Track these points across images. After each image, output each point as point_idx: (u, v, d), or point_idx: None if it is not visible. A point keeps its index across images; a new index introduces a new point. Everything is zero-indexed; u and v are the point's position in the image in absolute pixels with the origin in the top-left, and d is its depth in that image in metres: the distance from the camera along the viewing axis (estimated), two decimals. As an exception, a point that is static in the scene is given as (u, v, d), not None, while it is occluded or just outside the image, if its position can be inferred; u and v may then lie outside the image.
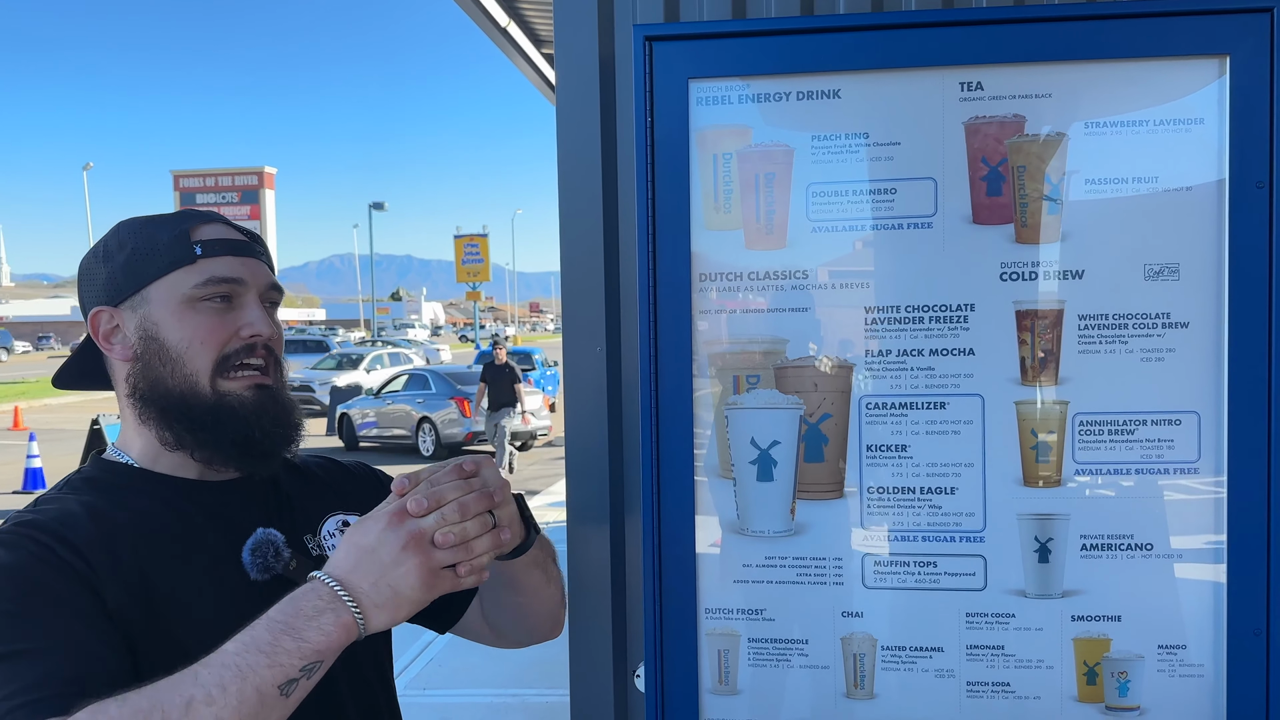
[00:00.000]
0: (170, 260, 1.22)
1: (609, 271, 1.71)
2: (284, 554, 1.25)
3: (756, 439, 1.59)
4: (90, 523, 1.16)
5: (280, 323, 1.34)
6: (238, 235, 1.29)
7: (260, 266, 1.28)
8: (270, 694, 0.99)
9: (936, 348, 1.56)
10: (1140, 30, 1.50)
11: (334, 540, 1.34)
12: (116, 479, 1.25)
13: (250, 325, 1.23)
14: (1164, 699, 1.55)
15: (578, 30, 1.70)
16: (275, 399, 1.26)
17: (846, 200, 1.57)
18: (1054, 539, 1.55)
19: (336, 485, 1.42)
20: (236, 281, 1.24)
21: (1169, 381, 1.53)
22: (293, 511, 1.34)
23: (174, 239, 1.23)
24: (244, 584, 1.23)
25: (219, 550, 1.24)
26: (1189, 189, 1.52)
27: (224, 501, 1.27)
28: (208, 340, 1.22)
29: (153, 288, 1.23)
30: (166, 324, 1.22)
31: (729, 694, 1.62)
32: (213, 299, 1.22)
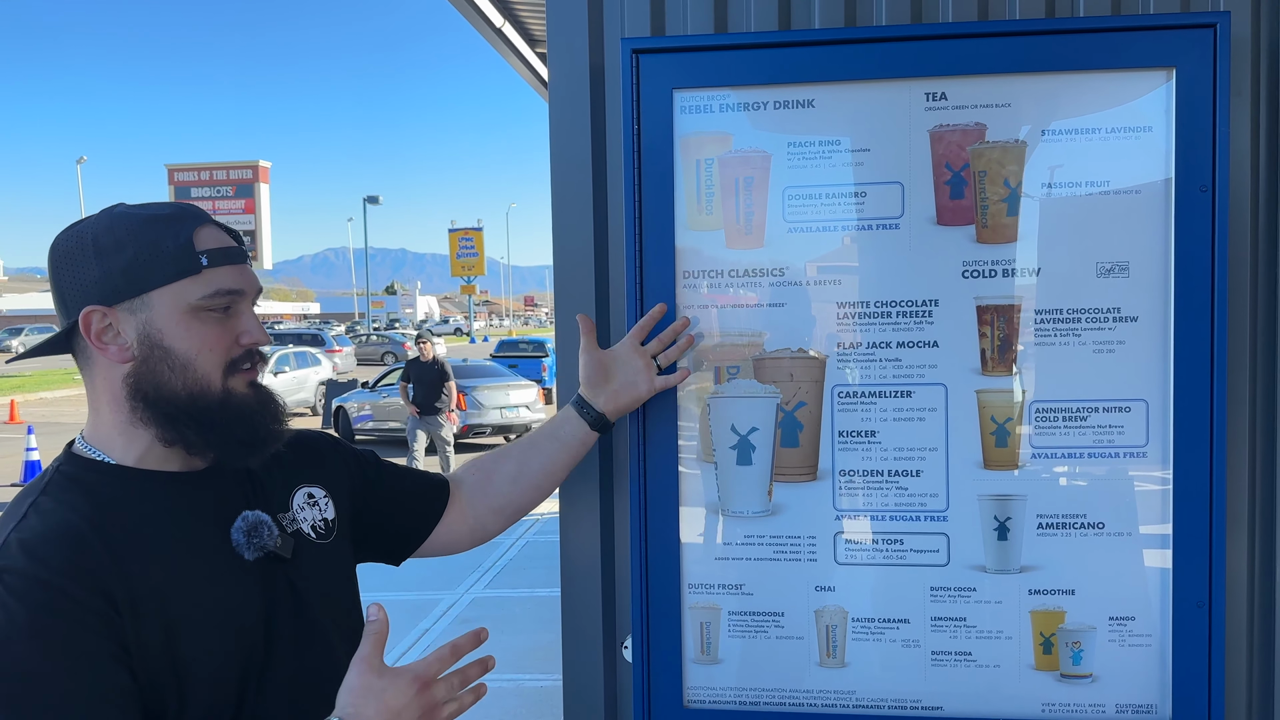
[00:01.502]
0: (177, 270, 1.24)
1: (599, 269, 1.80)
2: (273, 532, 1.32)
3: (736, 426, 1.69)
4: (98, 543, 1.18)
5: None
6: (230, 241, 1.31)
7: (252, 273, 1.33)
8: None
9: (903, 340, 1.65)
10: (1093, 44, 1.60)
11: (304, 513, 1.42)
12: (101, 479, 1.25)
13: (248, 334, 1.29)
14: (1115, 667, 1.65)
15: (569, 42, 1.79)
16: (267, 394, 1.34)
17: (820, 203, 1.66)
18: (1012, 518, 1.65)
19: (299, 460, 1.47)
20: (238, 293, 1.29)
21: (1119, 372, 1.62)
22: (266, 491, 1.38)
23: (180, 248, 1.24)
24: (239, 565, 1.29)
25: (209, 538, 1.28)
26: (1138, 192, 1.61)
27: (205, 491, 1.31)
28: (215, 348, 1.26)
29: (155, 294, 1.24)
30: (172, 332, 1.24)
31: (711, 663, 1.72)
32: (216, 309, 1.26)
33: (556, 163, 1.82)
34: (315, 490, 1.46)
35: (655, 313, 1.66)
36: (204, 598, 1.24)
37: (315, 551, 1.41)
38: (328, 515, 1.46)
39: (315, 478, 1.48)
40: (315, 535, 1.43)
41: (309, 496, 1.45)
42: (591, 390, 1.64)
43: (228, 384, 1.28)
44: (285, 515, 1.40)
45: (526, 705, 5.05)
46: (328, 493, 1.48)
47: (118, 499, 1.24)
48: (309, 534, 1.42)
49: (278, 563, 1.33)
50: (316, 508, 1.45)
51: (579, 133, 1.79)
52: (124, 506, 1.24)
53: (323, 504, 1.47)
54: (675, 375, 1.64)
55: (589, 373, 1.63)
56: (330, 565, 1.44)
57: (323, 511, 1.46)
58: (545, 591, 6.67)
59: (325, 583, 1.41)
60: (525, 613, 6.44)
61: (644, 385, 1.63)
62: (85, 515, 1.20)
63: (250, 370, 1.32)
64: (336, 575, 1.46)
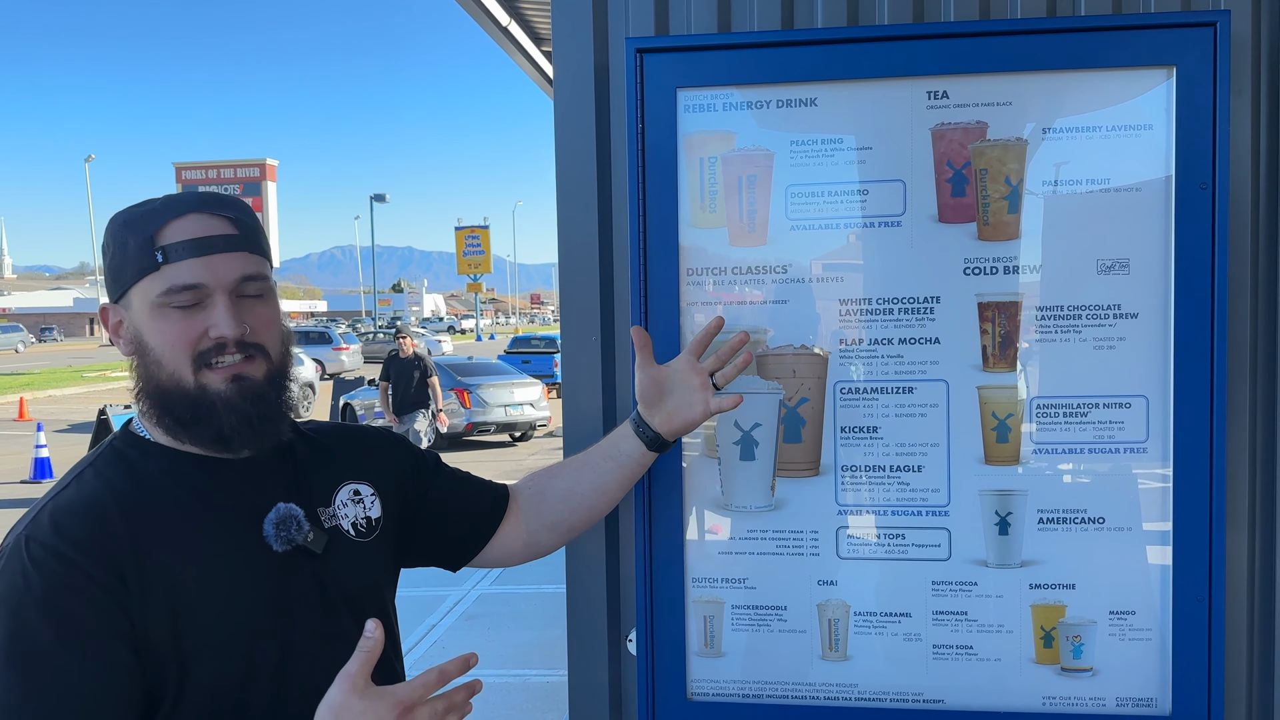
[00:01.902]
0: (138, 268, 1.24)
1: (604, 266, 1.82)
2: (304, 527, 1.32)
3: (739, 421, 1.71)
4: (120, 520, 1.21)
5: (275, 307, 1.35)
6: (206, 229, 1.26)
7: (227, 261, 1.26)
8: None
9: (905, 337, 1.67)
10: (1094, 43, 1.61)
11: (346, 510, 1.41)
12: (144, 456, 1.30)
13: (215, 327, 1.24)
14: (1115, 660, 1.66)
15: (574, 41, 1.81)
16: (252, 393, 1.28)
17: (822, 200, 1.68)
18: (1013, 513, 1.66)
19: (350, 456, 1.48)
20: (197, 287, 1.24)
21: (1119, 368, 1.64)
22: (309, 485, 1.39)
23: (140, 245, 1.24)
24: (265, 555, 1.30)
25: (239, 524, 1.30)
26: (1138, 190, 1.62)
27: (243, 477, 1.32)
28: (178, 343, 1.24)
29: (131, 292, 1.27)
30: (145, 328, 1.26)
31: (714, 656, 1.74)
32: (179, 304, 1.24)
33: (561, 161, 1.83)
34: (362, 488, 1.45)
35: (713, 326, 1.57)
36: (217, 583, 1.25)
37: (351, 549, 1.40)
38: (372, 513, 1.45)
39: (364, 475, 1.46)
40: (355, 533, 1.42)
41: (354, 493, 1.44)
42: (648, 409, 1.56)
43: (200, 379, 1.25)
44: (325, 510, 1.39)
45: (532, 700, 5.08)
46: (375, 491, 1.47)
47: (154, 477, 1.28)
48: (348, 531, 1.41)
49: (307, 557, 1.33)
50: (361, 505, 1.44)
51: (584, 132, 1.81)
52: (157, 485, 1.27)
53: (368, 502, 1.45)
54: (729, 399, 1.52)
55: (644, 390, 1.55)
56: (366, 564, 1.42)
57: (367, 509, 1.45)
58: (551, 588, 6.69)
59: (357, 581, 1.40)
60: (531, 608, 6.46)
61: (698, 409, 1.53)
62: (117, 490, 1.24)
63: (234, 365, 1.27)
64: (371, 574, 1.43)
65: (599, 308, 1.82)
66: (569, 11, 1.81)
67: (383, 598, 1.46)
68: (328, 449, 1.46)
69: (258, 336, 1.29)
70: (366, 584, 1.42)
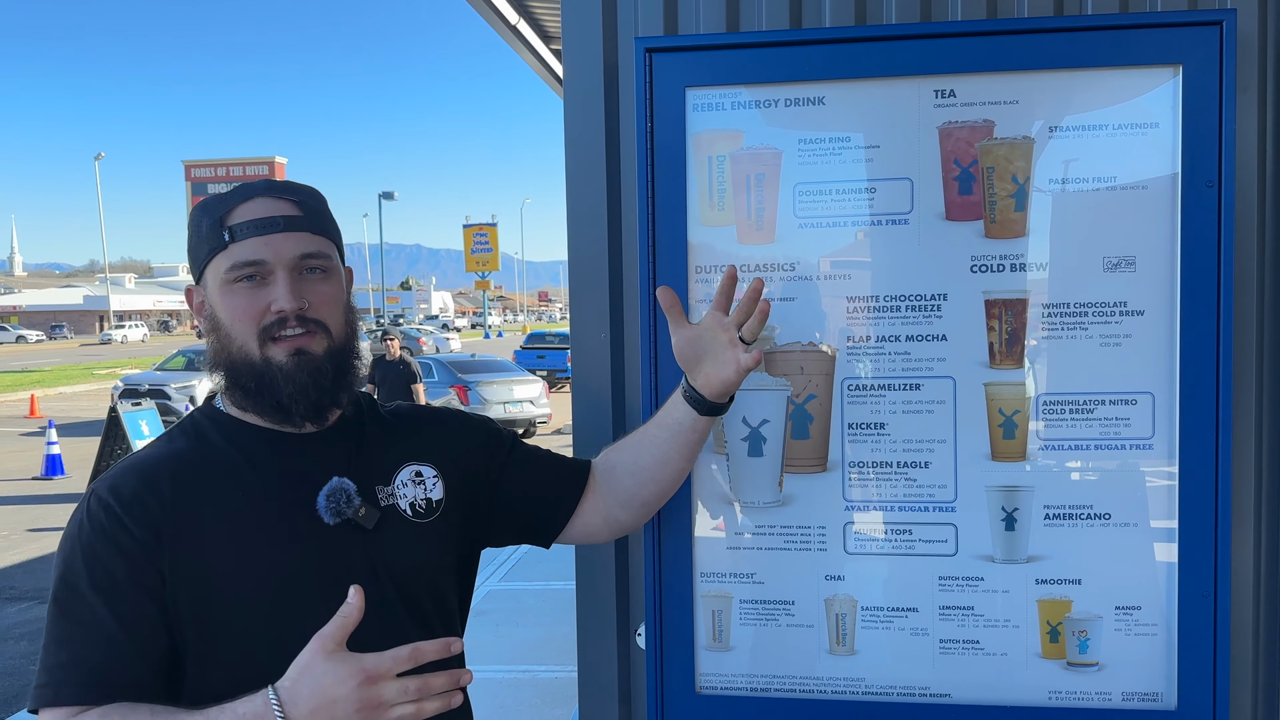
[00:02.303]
0: (209, 248, 1.34)
1: (613, 264, 1.84)
2: (354, 501, 1.36)
3: (747, 418, 1.72)
4: (169, 481, 1.30)
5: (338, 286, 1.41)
6: (270, 210, 1.34)
7: (288, 240, 1.34)
8: None
9: (912, 334, 1.68)
10: (1101, 42, 1.62)
11: (405, 490, 1.44)
12: (214, 425, 1.39)
13: (275, 301, 1.32)
14: (1121, 655, 1.67)
15: (584, 41, 1.82)
16: (310, 365, 1.34)
17: (830, 199, 1.69)
18: (1019, 509, 1.68)
19: (418, 437, 1.51)
20: (259, 263, 1.32)
21: (1126, 365, 1.64)
22: (371, 463, 1.43)
23: (211, 227, 1.34)
24: (314, 527, 1.34)
25: (293, 495, 1.35)
26: (1144, 188, 1.63)
27: (304, 452, 1.38)
28: (243, 317, 1.33)
29: (206, 271, 1.37)
30: (217, 304, 1.35)
31: (722, 650, 1.76)
32: (243, 280, 1.33)
33: (571, 160, 1.85)
34: (425, 469, 1.47)
35: (729, 276, 1.49)
36: (257, 547, 1.31)
37: (405, 528, 1.43)
38: (433, 495, 1.47)
39: (430, 457, 1.49)
40: (412, 513, 1.44)
41: (416, 474, 1.46)
42: (690, 371, 1.52)
43: (265, 351, 1.33)
44: (384, 489, 1.43)
45: (540, 696, 5.10)
46: (439, 474, 1.49)
47: (217, 445, 1.36)
48: (405, 510, 1.43)
49: (358, 532, 1.37)
50: (422, 486, 1.47)
51: (593, 131, 1.83)
52: (218, 453, 1.36)
53: (430, 483, 1.47)
54: (754, 356, 1.45)
55: (681, 352, 1.51)
56: (421, 544, 1.44)
57: (428, 491, 1.47)
58: (559, 584, 6.71)
59: (407, 560, 1.42)
60: (539, 605, 6.48)
61: (730, 368, 1.46)
62: (178, 455, 1.34)
63: (295, 338, 1.33)
64: (426, 555, 1.45)
65: (608, 305, 1.84)
66: (579, 11, 1.82)
67: (436, 580, 1.47)
68: (397, 429, 1.51)
69: (318, 312, 1.36)
70: (417, 564, 1.43)
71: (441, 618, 1.48)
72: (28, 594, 7.41)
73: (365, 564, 1.37)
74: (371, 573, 1.37)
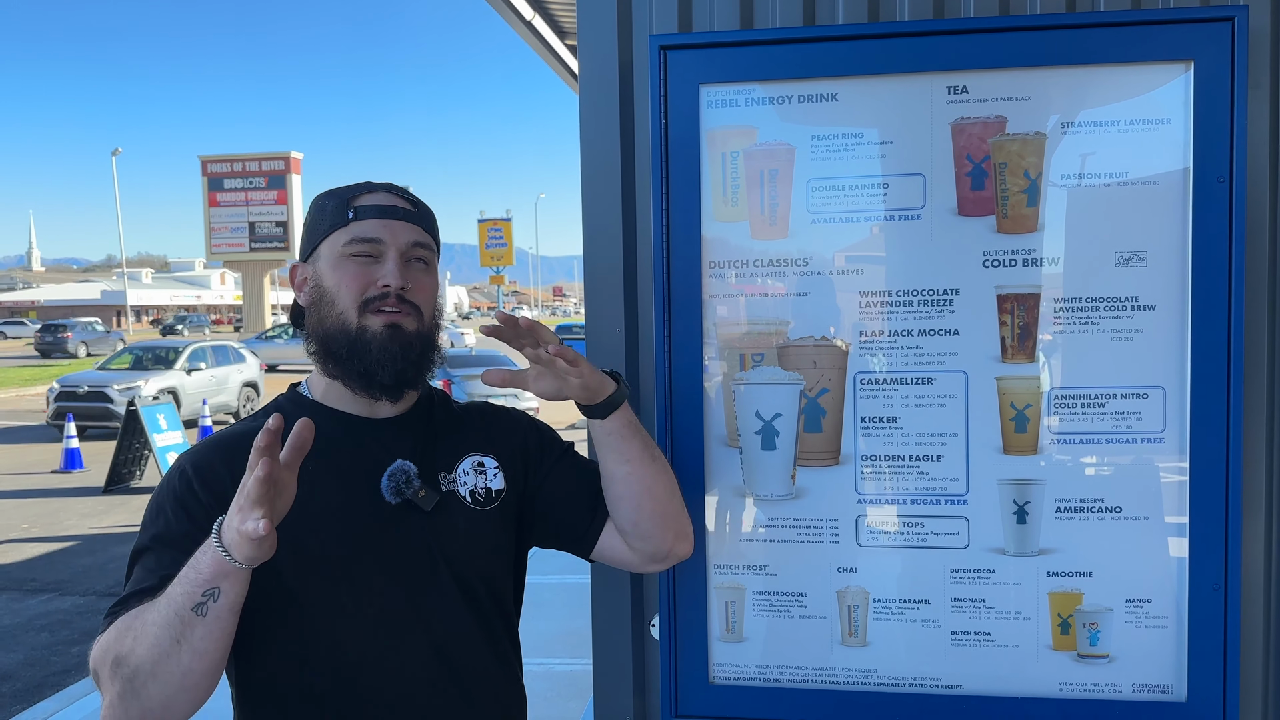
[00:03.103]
0: (331, 224, 1.47)
1: (627, 259, 1.86)
2: (414, 483, 1.45)
3: (761, 411, 1.74)
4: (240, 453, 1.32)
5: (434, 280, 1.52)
6: (393, 202, 1.49)
7: (405, 228, 1.47)
8: (187, 614, 1.20)
9: (924, 328, 1.70)
10: (1113, 38, 1.63)
11: (467, 478, 1.53)
12: (292, 405, 1.50)
13: (383, 276, 1.44)
14: (1131, 647, 1.68)
15: (599, 38, 1.84)
16: (402, 339, 1.44)
17: (843, 194, 1.70)
18: (1031, 502, 1.69)
19: (483, 430, 1.59)
20: (376, 240, 1.45)
21: (1137, 359, 1.66)
22: (436, 449, 1.52)
23: (337, 206, 1.47)
24: (376, 505, 1.44)
25: (359, 474, 1.45)
26: (1156, 183, 1.64)
27: (374, 435, 1.48)
28: (351, 285, 1.44)
29: (322, 245, 1.48)
30: (326, 274, 1.46)
31: (735, 641, 1.78)
32: (358, 255, 1.44)
33: (587, 157, 1.87)
34: (487, 460, 1.56)
35: (503, 323, 1.44)
36: (317, 520, 1.39)
37: (463, 513, 1.50)
38: (493, 485, 1.55)
39: (492, 449, 1.57)
40: (471, 500, 1.52)
41: (478, 464, 1.55)
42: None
43: (362, 320, 1.43)
44: (446, 475, 1.52)
45: (555, 688, 5.13)
46: (500, 466, 1.56)
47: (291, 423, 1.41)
48: (464, 497, 1.51)
49: (416, 513, 1.45)
50: (483, 475, 1.55)
51: (608, 127, 1.85)
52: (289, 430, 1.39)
53: (491, 474, 1.55)
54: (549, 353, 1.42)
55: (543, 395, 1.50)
56: (476, 530, 1.51)
57: (489, 481, 1.55)
58: (574, 578, 6.74)
59: (463, 543, 1.49)
60: (553, 598, 6.51)
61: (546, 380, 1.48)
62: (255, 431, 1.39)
63: (392, 314, 1.44)
64: (480, 540, 1.52)
65: (623, 300, 1.86)
66: (594, 9, 1.84)
67: (489, 565, 1.54)
68: (464, 422, 1.59)
69: (415, 296, 1.47)
70: (471, 548, 1.51)
71: (493, 601, 1.54)
72: (49, 586, 7.49)
73: (421, 543, 1.46)
74: (427, 551, 1.46)
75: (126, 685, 1.22)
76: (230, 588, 1.21)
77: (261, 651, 1.41)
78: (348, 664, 1.41)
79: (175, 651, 1.20)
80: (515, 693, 1.59)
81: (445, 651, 1.46)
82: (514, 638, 1.62)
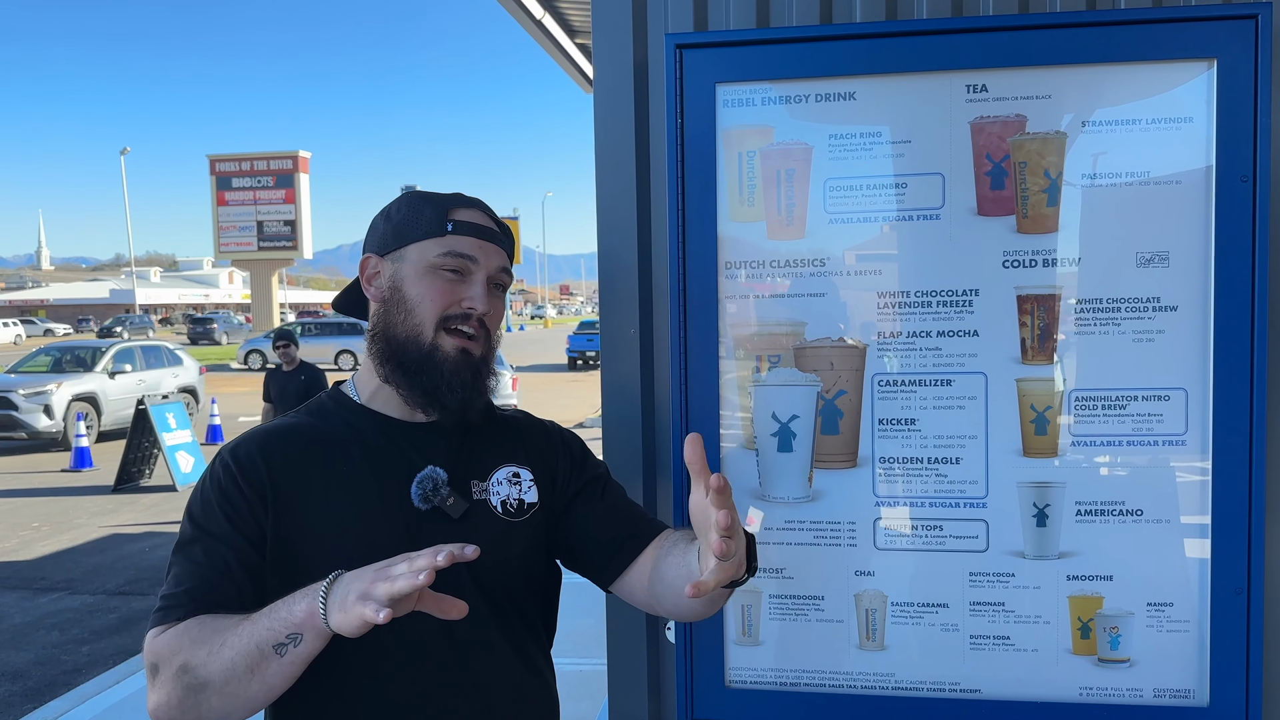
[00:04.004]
0: (427, 230, 1.43)
1: (642, 261, 1.84)
2: (442, 490, 1.42)
3: (777, 413, 1.73)
4: (280, 450, 1.40)
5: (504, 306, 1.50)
6: (487, 222, 1.47)
7: (496, 252, 1.46)
8: (267, 650, 1.20)
9: (943, 329, 1.68)
10: (1134, 36, 1.61)
11: (500, 488, 1.49)
12: (335, 406, 1.49)
13: (471, 299, 1.41)
14: (1152, 652, 1.67)
15: (614, 37, 1.83)
16: (472, 365, 1.43)
17: (861, 194, 1.69)
18: (1051, 505, 1.67)
19: (520, 440, 1.55)
20: (470, 259, 1.42)
21: (1159, 360, 1.64)
22: (470, 458, 1.48)
23: (435, 214, 1.44)
24: (407, 510, 1.40)
25: (392, 478, 1.41)
26: (1178, 182, 1.62)
27: (411, 440, 1.45)
28: (436, 300, 1.41)
29: (410, 248, 1.44)
30: (410, 279, 1.42)
31: (752, 645, 1.77)
32: (449, 269, 1.41)
33: (601, 156, 1.86)
34: (523, 471, 1.51)
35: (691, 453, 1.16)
36: (346, 520, 1.38)
37: (494, 524, 1.46)
38: (526, 497, 1.50)
39: (529, 461, 1.53)
40: (503, 510, 1.47)
41: (514, 475, 1.51)
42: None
43: (437, 338, 1.41)
44: (480, 484, 1.48)
45: (568, 689, 5.11)
46: (535, 479, 1.52)
47: (333, 423, 1.46)
48: (495, 507, 1.47)
49: (445, 520, 1.42)
50: (518, 486, 1.50)
51: (623, 127, 1.83)
52: (333, 429, 1.45)
53: (525, 485, 1.51)
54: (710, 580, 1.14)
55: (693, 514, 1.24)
56: (505, 540, 1.46)
57: (522, 492, 1.50)
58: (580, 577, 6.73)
59: (489, 554, 1.38)
60: (566, 598, 6.50)
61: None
62: (297, 426, 1.45)
63: (469, 338, 1.42)
64: (508, 552, 1.46)
65: (638, 300, 1.84)
66: (609, 8, 1.83)
67: (514, 579, 1.48)
68: (503, 432, 1.55)
69: (491, 322, 1.46)
70: (498, 559, 1.44)
71: (519, 614, 1.49)
72: (58, 585, 7.51)
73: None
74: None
75: (189, 693, 1.24)
76: (313, 639, 1.20)
77: None
78: (371, 671, 1.39)
79: (247, 680, 1.22)
80: (545, 703, 1.57)
81: (468, 661, 1.43)
82: (543, 648, 1.56)
